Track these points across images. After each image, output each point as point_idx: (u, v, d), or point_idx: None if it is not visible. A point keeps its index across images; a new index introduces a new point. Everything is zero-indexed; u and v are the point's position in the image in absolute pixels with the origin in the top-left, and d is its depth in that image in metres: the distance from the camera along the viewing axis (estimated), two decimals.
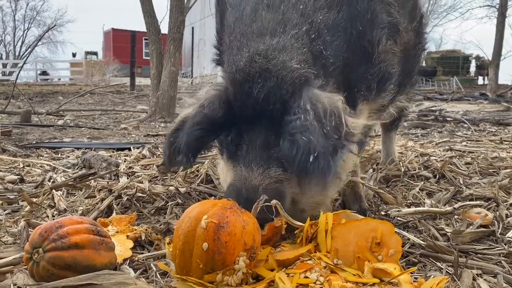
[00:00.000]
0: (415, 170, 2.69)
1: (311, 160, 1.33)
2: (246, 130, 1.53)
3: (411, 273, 1.32)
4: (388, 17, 1.82)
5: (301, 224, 1.46)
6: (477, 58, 27.25)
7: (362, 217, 1.53)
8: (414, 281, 1.25)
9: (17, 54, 37.93)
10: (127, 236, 1.56)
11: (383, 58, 1.78)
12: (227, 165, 1.62)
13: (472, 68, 28.20)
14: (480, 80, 26.26)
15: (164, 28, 6.96)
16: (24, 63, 19.09)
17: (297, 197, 1.54)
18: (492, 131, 5.27)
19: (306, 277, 1.25)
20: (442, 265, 1.44)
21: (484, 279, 1.31)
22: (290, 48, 1.54)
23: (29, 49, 33.63)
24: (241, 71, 1.51)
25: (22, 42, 39.06)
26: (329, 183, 1.51)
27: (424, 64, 25.57)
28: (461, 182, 2.47)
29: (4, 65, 27.34)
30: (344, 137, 1.43)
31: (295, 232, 1.47)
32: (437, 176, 2.58)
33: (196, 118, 1.54)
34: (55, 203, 2.03)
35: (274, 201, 1.44)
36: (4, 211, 1.98)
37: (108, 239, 1.31)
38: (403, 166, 2.73)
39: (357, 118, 1.64)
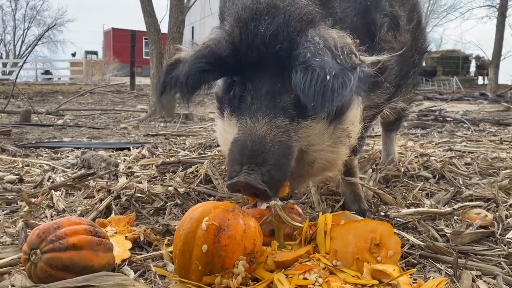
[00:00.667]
0: (414, 171, 2.69)
1: (328, 78, 1.26)
2: (251, 78, 1.46)
3: (411, 274, 1.32)
4: (390, 7, 1.81)
5: (300, 225, 1.46)
6: (477, 58, 27.24)
7: (361, 218, 1.53)
8: (413, 283, 1.24)
9: (17, 53, 37.91)
10: (126, 237, 1.56)
11: (383, 47, 1.74)
12: (230, 121, 1.52)
13: (472, 68, 28.21)
14: (480, 80, 26.26)
15: (164, 28, 6.95)
16: (24, 62, 19.05)
17: (306, 148, 1.45)
18: (492, 131, 5.26)
19: (305, 278, 1.25)
20: (441, 266, 1.43)
21: (484, 281, 1.31)
22: None
23: (29, 49, 33.63)
24: (247, 8, 1.44)
25: (22, 42, 39.05)
26: (349, 103, 1.42)
27: (424, 64, 25.54)
28: (461, 182, 2.46)
29: (4, 65, 27.29)
30: (357, 66, 1.36)
31: (294, 233, 1.46)
32: (437, 177, 2.58)
33: (200, 52, 1.45)
34: (54, 203, 2.02)
35: (272, 202, 1.44)
36: (3, 211, 1.98)
37: (106, 240, 1.31)
38: (402, 167, 2.72)
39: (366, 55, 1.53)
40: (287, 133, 1.39)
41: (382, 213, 1.94)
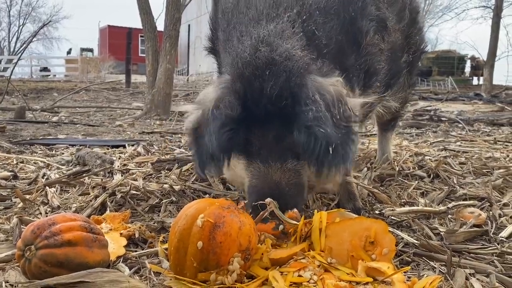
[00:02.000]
0: (409, 170, 2.70)
1: (330, 151, 1.39)
2: (256, 124, 1.52)
3: (405, 272, 1.33)
4: (376, 11, 1.84)
5: (295, 222, 1.46)
6: (472, 58, 27.33)
7: (356, 216, 1.53)
8: (407, 280, 1.25)
9: (11, 50, 37.64)
10: (121, 233, 1.56)
11: (370, 51, 1.80)
12: (237, 161, 1.61)
13: (467, 68, 28.30)
14: (475, 81, 26.35)
15: (160, 25, 6.94)
16: (19, 59, 18.92)
17: (311, 183, 1.59)
18: (486, 131, 5.29)
19: (299, 275, 1.25)
20: (435, 264, 1.44)
21: (477, 279, 1.32)
22: (288, 33, 1.55)
23: (24, 45, 33.42)
24: (248, 64, 1.49)
25: (17, 38, 38.79)
26: (348, 168, 1.58)
27: (419, 64, 25.60)
28: (455, 181, 2.48)
29: None
30: (352, 122, 1.50)
31: (290, 230, 1.46)
32: (431, 176, 2.59)
33: (218, 120, 1.49)
34: (48, 200, 2.01)
35: (268, 200, 1.44)
36: None
37: (101, 237, 1.31)
38: (397, 166, 2.74)
39: (355, 97, 1.70)
40: (298, 174, 1.53)
41: (377, 212, 1.95)
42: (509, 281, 1.31)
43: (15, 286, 1.17)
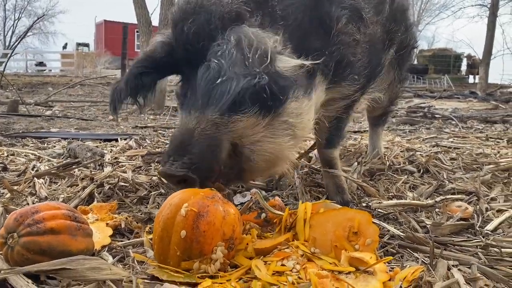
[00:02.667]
0: (399, 165, 2.71)
1: (217, 82, 1.32)
2: (188, 75, 1.54)
3: (388, 262, 1.34)
4: (351, 0, 1.80)
5: (280, 213, 1.47)
6: (469, 57, 27.44)
7: (341, 207, 1.54)
8: (390, 271, 1.26)
9: (7, 44, 37.40)
10: (107, 224, 1.56)
11: (343, 40, 1.75)
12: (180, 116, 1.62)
13: (463, 66, 28.40)
14: (471, 79, 26.46)
15: (155, 20, 6.92)
16: (13, 52, 18.81)
17: (240, 141, 1.50)
18: (479, 128, 5.32)
19: (283, 265, 1.26)
20: (419, 255, 1.45)
21: (459, 269, 1.33)
22: None
23: (19, 39, 33.24)
24: (179, 9, 1.54)
25: (13, 32, 38.50)
26: (225, 108, 1.41)
27: (415, 62, 25.72)
28: (445, 176, 2.49)
29: None
30: (268, 72, 1.38)
31: (274, 220, 1.47)
32: (421, 171, 2.60)
33: (137, 58, 1.59)
34: (36, 191, 2.01)
35: (253, 190, 1.45)
36: None
37: (85, 225, 1.31)
38: (388, 160, 2.74)
39: (320, 85, 1.66)
40: (216, 126, 1.45)
41: (364, 204, 1.96)
42: (491, 272, 1.32)
43: None
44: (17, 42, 31.93)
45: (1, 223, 1.55)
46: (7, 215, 1.60)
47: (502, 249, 1.46)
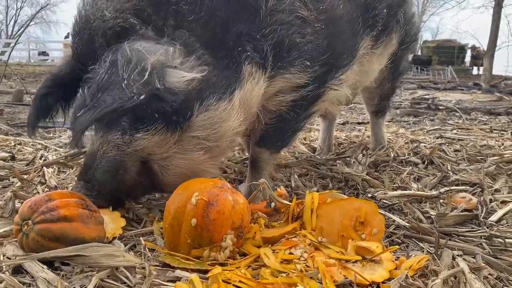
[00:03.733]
0: (404, 156, 2.73)
1: (78, 114, 1.28)
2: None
3: (394, 252, 1.36)
4: None
5: (288, 203, 1.49)
6: (473, 48, 27.28)
7: (347, 197, 1.56)
8: (396, 260, 1.28)
9: (9, 33, 37.35)
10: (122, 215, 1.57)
11: (280, 19, 1.54)
12: None
13: (468, 58, 28.27)
14: (475, 70, 26.33)
15: None
16: (16, 42, 18.79)
17: (148, 159, 1.48)
18: (483, 120, 5.31)
19: (290, 253, 1.28)
20: (424, 245, 1.47)
21: (463, 259, 1.35)
22: None
23: (22, 29, 33.16)
24: (73, 24, 1.49)
25: (15, 22, 38.45)
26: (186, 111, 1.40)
27: (419, 53, 25.61)
28: (449, 168, 2.50)
29: None
30: (153, 89, 1.30)
31: (282, 210, 1.50)
32: (426, 162, 2.62)
33: (44, 79, 1.57)
34: (46, 180, 2.04)
35: (262, 180, 1.47)
36: None
37: (97, 214, 1.33)
38: (392, 152, 2.76)
39: (189, 72, 1.40)
40: (117, 147, 1.44)
41: (369, 195, 1.98)
42: (495, 261, 1.34)
43: (13, 259, 1.20)
44: (20, 32, 31.84)
45: (9, 207, 1.57)
46: (16, 201, 1.62)
47: (506, 240, 1.49)
